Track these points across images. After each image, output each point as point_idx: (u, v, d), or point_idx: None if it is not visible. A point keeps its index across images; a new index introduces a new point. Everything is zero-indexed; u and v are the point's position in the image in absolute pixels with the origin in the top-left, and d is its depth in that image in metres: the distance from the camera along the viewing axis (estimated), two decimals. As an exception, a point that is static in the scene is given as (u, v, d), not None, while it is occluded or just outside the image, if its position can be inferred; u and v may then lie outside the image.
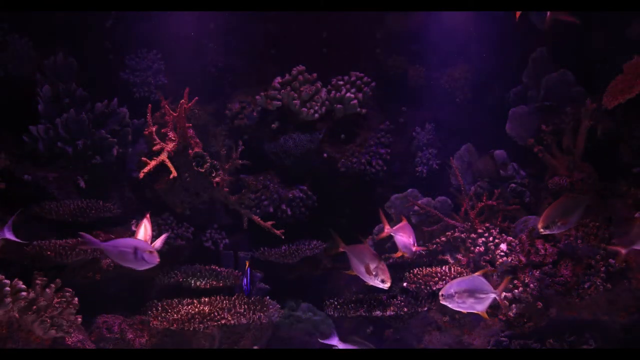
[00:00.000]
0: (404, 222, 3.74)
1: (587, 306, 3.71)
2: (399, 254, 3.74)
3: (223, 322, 3.84)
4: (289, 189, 4.89)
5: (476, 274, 3.18)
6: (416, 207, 4.66)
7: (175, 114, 4.14)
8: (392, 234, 3.67)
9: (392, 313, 4.08)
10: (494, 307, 3.88)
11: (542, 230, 3.28)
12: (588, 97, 4.20)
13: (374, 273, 3.32)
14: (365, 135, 5.22)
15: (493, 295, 3.20)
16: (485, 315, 3.26)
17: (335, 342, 3.96)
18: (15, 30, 4.56)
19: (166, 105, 4.23)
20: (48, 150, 4.33)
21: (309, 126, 4.94)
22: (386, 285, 3.30)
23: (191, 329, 3.79)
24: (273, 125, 4.89)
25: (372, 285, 3.48)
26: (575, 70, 4.65)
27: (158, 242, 3.33)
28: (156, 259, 2.93)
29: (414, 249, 3.66)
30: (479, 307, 3.19)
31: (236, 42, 5.31)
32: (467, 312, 3.57)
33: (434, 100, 5.43)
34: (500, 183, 4.75)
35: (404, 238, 3.64)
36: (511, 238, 4.07)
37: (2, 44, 4.50)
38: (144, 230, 3.16)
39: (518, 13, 3.41)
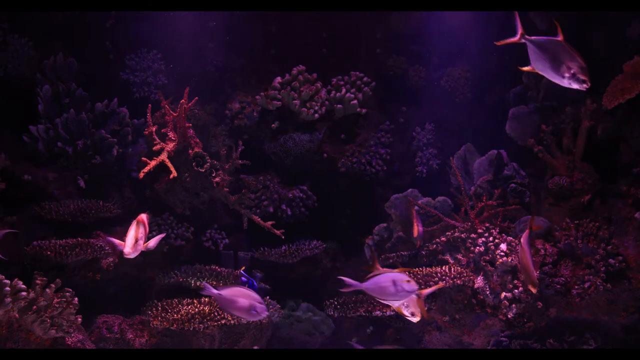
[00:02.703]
0: (414, 213, 4.29)
1: (587, 306, 3.71)
2: (418, 242, 4.28)
3: (223, 322, 3.84)
4: (289, 189, 4.89)
5: (396, 270, 3.15)
6: (416, 207, 4.67)
7: (175, 114, 4.14)
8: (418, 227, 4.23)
9: (392, 313, 4.08)
10: (494, 307, 3.89)
11: (536, 291, 3.25)
12: (588, 97, 4.21)
13: (405, 304, 3.12)
14: (365, 135, 5.22)
15: (417, 293, 3.18)
16: (400, 311, 3.25)
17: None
18: (15, 30, 4.56)
19: (166, 105, 4.23)
20: (48, 150, 4.33)
21: (309, 126, 4.94)
22: (415, 319, 3.11)
23: (191, 329, 3.79)
24: (273, 125, 4.89)
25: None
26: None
27: (151, 242, 3.27)
28: (415, 286, 2.99)
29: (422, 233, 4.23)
30: (396, 303, 3.18)
31: (236, 42, 5.31)
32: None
33: (434, 100, 5.43)
34: (501, 183, 4.75)
35: (420, 228, 4.22)
36: (511, 238, 4.07)
37: (2, 44, 4.50)
38: (134, 231, 3.08)
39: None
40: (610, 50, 4.41)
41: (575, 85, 2.57)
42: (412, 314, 3.09)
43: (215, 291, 3.04)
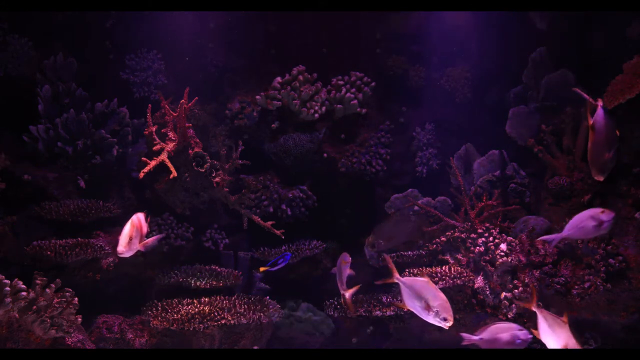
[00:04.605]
0: None
1: (587, 306, 3.71)
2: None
3: (223, 322, 3.84)
4: (289, 189, 4.89)
5: (343, 263, 3.15)
6: (416, 207, 4.67)
7: (175, 114, 4.14)
8: None
9: (392, 313, 4.08)
10: (494, 307, 3.89)
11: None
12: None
13: (435, 310, 2.86)
14: (365, 135, 5.22)
15: (342, 292, 3.19)
16: (347, 304, 3.33)
17: None
18: (15, 30, 4.56)
19: (166, 105, 4.22)
20: (48, 150, 4.33)
21: (309, 126, 4.94)
22: (448, 324, 2.85)
23: (191, 329, 3.79)
24: (273, 125, 4.89)
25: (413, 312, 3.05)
26: (575, 70, 4.65)
27: (149, 242, 3.22)
28: (612, 213, 3.02)
29: None
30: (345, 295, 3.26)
31: (236, 42, 5.31)
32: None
33: (434, 100, 5.43)
34: (501, 182, 4.76)
35: None
36: (511, 238, 4.07)
37: (2, 44, 4.50)
38: (129, 229, 3.04)
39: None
40: (610, 50, 4.41)
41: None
42: (445, 319, 2.85)
43: (476, 337, 3.11)
